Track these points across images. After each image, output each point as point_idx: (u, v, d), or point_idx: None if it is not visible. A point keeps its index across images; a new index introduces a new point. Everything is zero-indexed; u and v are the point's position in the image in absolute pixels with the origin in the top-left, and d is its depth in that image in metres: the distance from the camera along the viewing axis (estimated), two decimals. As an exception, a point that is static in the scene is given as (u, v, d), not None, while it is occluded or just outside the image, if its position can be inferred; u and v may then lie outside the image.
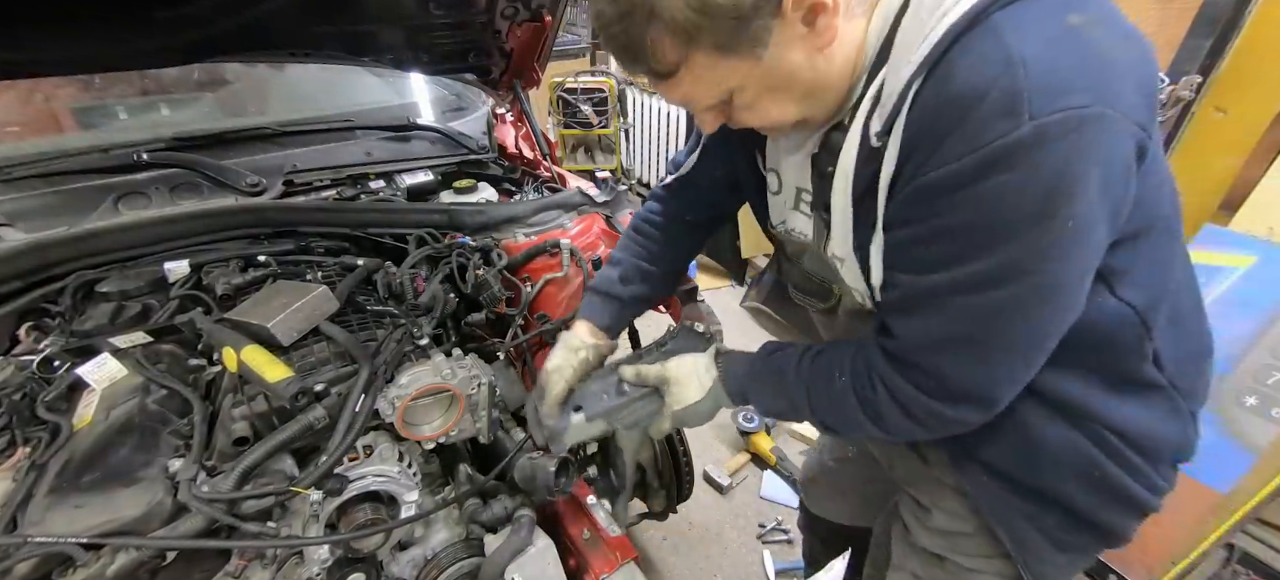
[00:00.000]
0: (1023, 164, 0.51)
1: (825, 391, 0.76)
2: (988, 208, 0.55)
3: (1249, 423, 1.59)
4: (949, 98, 0.54)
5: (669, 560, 2.05)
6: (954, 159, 0.54)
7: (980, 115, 0.52)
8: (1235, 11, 1.87)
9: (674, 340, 1.03)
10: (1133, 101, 0.53)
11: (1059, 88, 0.51)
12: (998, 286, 0.58)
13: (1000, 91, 0.51)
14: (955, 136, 0.53)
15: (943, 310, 0.62)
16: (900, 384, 0.68)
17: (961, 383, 0.65)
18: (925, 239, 0.60)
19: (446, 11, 1.52)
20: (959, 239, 0.58)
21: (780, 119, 0.68)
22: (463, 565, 1.01)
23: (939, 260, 0.60)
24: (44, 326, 1.07)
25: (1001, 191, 0.53)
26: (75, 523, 0.73)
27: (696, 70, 0.62)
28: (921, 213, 0.59)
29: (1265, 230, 1.65)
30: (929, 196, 0.57)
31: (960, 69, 0.53)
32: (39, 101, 1.62)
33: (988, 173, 0.53)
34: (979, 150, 0.52)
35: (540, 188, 1.70)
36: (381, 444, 0.99)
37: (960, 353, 0.64)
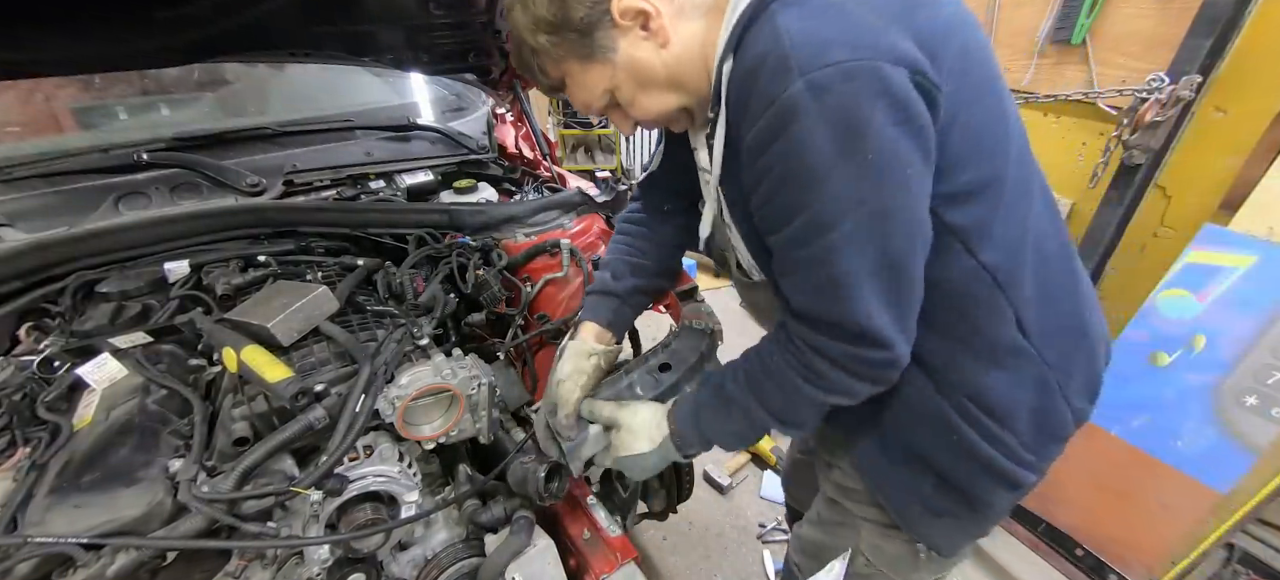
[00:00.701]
0: (807, 114, 0.60)
1: (772, 387, 0.79)
2: (795, 156, 0.63)
3: (1249, 423, 1.59)
4: (743, 70, 0.66)
5: (669, 560, 2.05)
6: (756, 118, 0.64)
7: (762, 79, 0.62)
8: (1235, 11, 1.86)
9: (677, 339, 1.03)
10: (903, 49, 0.61)
11: (820, 47, 0.60)
12: (832, 227, 0.65)
13: (773, 58, 0.61)
14: (752, 100, 0.64)
15: (801, 262, 0.70)
16: (811, 335, 0.73)
17: (849, 322, 0.69)
18: (767, 196, 0.69)
19: (446, 11, 1.52)
20: (786, 189, 0.66)
21: (662, 107, 0.80)
22: (463, 565, 1.01)
23: (781, 213, 0.69)
24: (44, 326, 1.07)
25: (800, 141, 0.62)
26: (75, 523, 0.73)
27: (575, 79, 0.78)
28: (755, 173, 0.69)
29: (1265, 230, 1.65)
30: (752, 156, 0.67)
31: (748, 48, 0.65)
32: (39, 101, 1.62)
33: (784, 125, 0.62)
34: (769, 107, 0.62)
35: (540, 188, 1.70)
36: (381, 444, 0.99)
37: (830, 293, 0.68)
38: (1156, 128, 2.06)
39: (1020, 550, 2.05)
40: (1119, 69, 2.17)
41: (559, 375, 0.96)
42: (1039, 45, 2.31)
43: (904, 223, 0.66)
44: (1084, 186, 2.33)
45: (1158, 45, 2.04)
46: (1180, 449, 1.71)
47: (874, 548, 1.02)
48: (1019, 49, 2.38)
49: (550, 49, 0.75)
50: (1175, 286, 1.76)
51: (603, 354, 1.00)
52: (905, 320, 0.70)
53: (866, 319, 0.68)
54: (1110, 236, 2.32)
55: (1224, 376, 1.64)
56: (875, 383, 0.74)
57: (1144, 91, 2.03)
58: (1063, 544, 1.86)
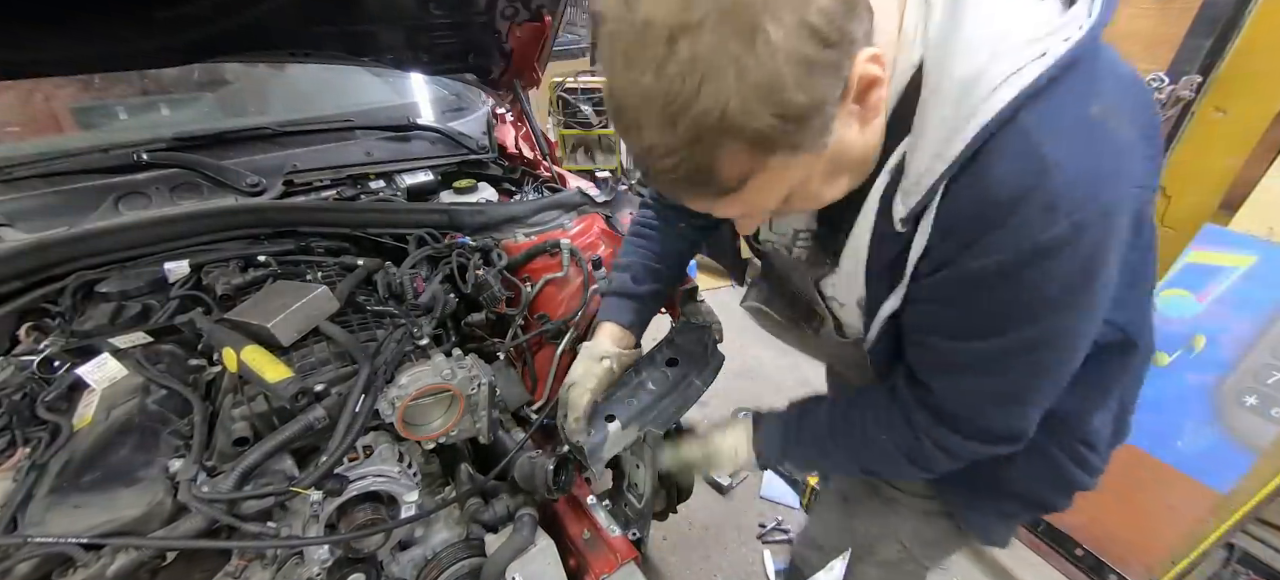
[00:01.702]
0: (1063, 253, 0.55)
1: (866, 450, 0.82)
2: (1032, 289, 0.58)
3: (1249, 423, 1.59)
4: (990, 200, 0.55)
5: (669, 560, 2.05)
6: (998, 252, 0.56)
7: (1022, 218, 0.54)
8: (1235, 11, 1.87)
9: (680, 335, 1.04)
10: (1143, 170, 0.58)
11: (1091, 186, 0.54)
12: (1037, 351, 0.63)
13: (1040, 196, 0.53)
14: (998, 234, 0.56)
15: (985, 372, 0.67)
16: (944, 434, 0.73)
17: (1002, 428, 0.71)
18: (965, 315, 0.64)
19: (446, 11, 1.52)
20: (1003, 315, 0.61)
21: (833, 196, 0.65)
22: (463, 565, 1.01)
23: (980, 331, 0.64)
24: (44, 326, 1.07)
25: (1045, 276, 0.57)
26: (75, 523, 0.73)
27: (768, 176, 0.56)
28: (962, 294, 0.62)
29: (1265, 230, 1.65)
30: (971, 283, 0.60)
31: (997, 173, 0.54)
32: (39, 101, 1.62)
33: (1032, 263, 0.56)
34: (1023, 247, 0.55)
35: (540, 188, 1.70)
36: (381, 444, 0.99)
37: (1002, 406, 0.69)
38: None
39: (1020, 550, 2.05)
40: (1119, 69, 2.17)
41: (570, 378, 0.97)
42: (1039, 45, 2.31)
43: (1089, 343, 0.66)
44: (1084, 186, 2.33)
45: (1158, 45, 2.04)
46: (1180, 449, 1.71)
47: (914, 534, 1.03)
48: (1019, 49, 2.38)
49: (768, 136, 0.51)
50: (1175, 286, 1.76)
51: (617, 357, 1.00)
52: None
53: (1026, 427, 0.70)
54: (1110, 236, 2.32)
55: (1224, 376, 1.64)
56: (966, 461, 0.76)
57: (1144, 91, 2.03)
58: (1063, 544, 1.86)
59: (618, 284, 1.08)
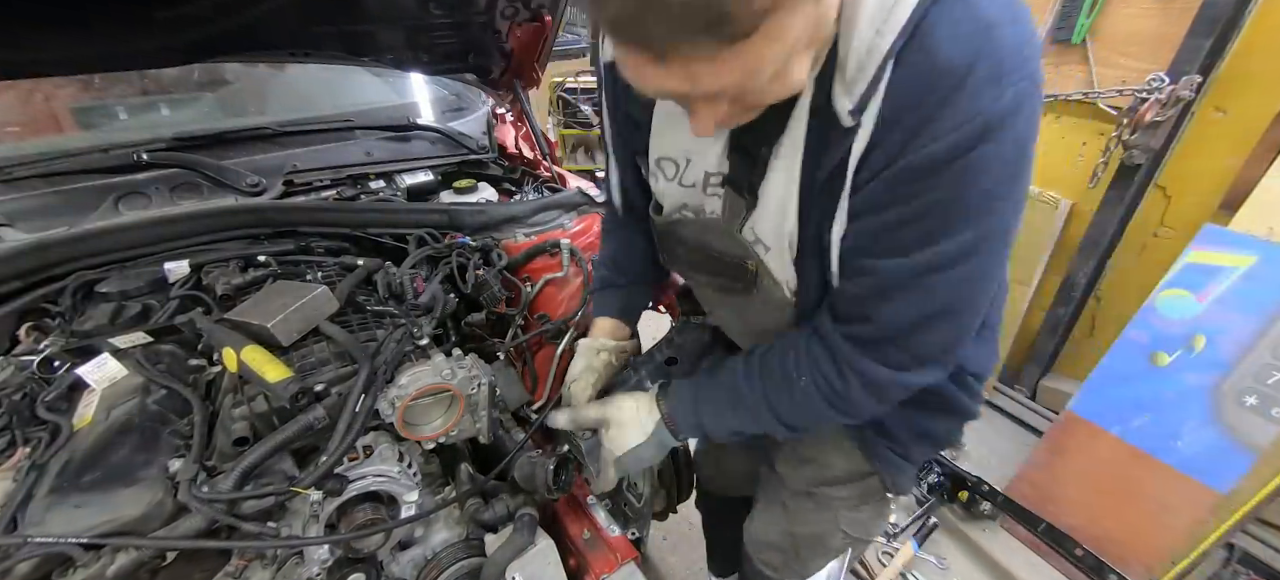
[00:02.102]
0: (1002, 132, 0.52)
1: (786, 397, 0.76)
2: (973, 179, 0.54)
3: (1249, 423, 1.60)
4: (940, 70, 0.51)
5: (669, 560, 2.05)
6: (946, 133, 0.52)
7: (972, 87, 0.50)
8: (1235, 11, 1.87)
9: (680, 334, 1.03)
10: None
11: (1024, 52, 0.51)
12: (975, 255, 0.59)
13: (987, 63, 0.50)
14: (948, 110, 0.51)
15: (926, 289, 0.62)
16: (874, 368, 0.68)
17: (938, 350, 0.67)
18: (910, 219, 0.58)
19: (446, 11, 1.52)
20: (944, 214, 0.57)
21: (798, 83, 0.56)
22: (463, 565, 1.01)
23: (922, 239, 0.59)
24: (44, 326, 1.07)
25: (985, 161, 0.53)
26: (75, 523, 0.73)
27: (784, 18, 0.46)
28: (908, 193, 0.57)
29: (1265, 230, 1.65)
30: (919, 176, 0.55)
31: (943, 40, 0.51)
32: (39, 101, 1.62)
33: (976, 144, 0.52)
34: (971, 121, 0.51)
35: (540, 188, 1.70)
36: (381, 444, 0.99)
37: (940, 325, 0.65)
38: (1156, 128, 2.06)
39: (1020, 550, 2.05)
40: (1119, 69, 2.17)
41: (571, 375, 0.96)
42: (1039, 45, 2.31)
43: (1012, 241, 0.62)
44: (1084, 186, 2.34)
45: (1158, 45, 2.05)
46: (1180, 449, 1.71)
47: (852, 521, 1.06)
48: (1019, 49, 2.38)
49: None
50: (1175, 286, 1.76)
51: (614, 350, 0.99)
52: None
53: (958, 348, 0.68)
54: (1110, 236, 2.32)
55: (1224, 376, 1.64)
56: (899, 400, 0.74)
57: (1144, 91, 2.03)
58: (1063, 544, 1.86)
59: (600, 279, 1.09)
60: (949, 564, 2.05)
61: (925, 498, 2.23)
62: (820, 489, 1.04)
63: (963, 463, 2.33)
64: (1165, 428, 1.75)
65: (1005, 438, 2.60)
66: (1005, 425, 2.67)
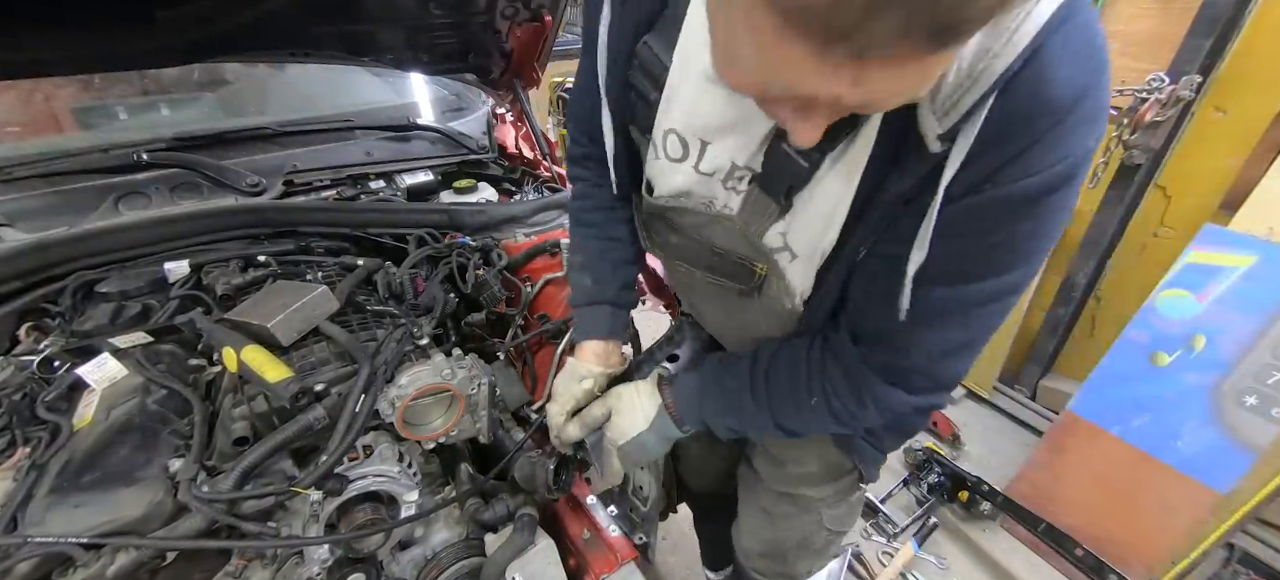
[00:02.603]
0: (1080, 175, 0.50)
1: (792, 409, 0.75)
2: (1043, 220, 0.52)
3: (1249, 423, 1.60)
4: (1048, 101, 0.47)
5: (669, 560, 2.05)
6: (1044, 168, 0.49)
7: (1072, 121, 0.47)
8: (1235, 11, 1.87)
9: (680, 333, 1.03)
10: None
11: (1106, 102, 0.49)
12: (1016, 291, 0.58)
13: (1094, 97, 0.47)
14: (1045, 144, 0.48)
15: (970, 319, 0.60)
16: (896, 395, 0.67)
17: (956, 378, 0.67)
18: (971, 251, 0.56)
19: (446, 11, 1.52)
20: (1007, 251, 0.55)
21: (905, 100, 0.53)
22: (463, 565, 1.01)
23: (976, 272, 0.57)
24: (44, 326, 1.07)
25: (1061, 204, 0.51)
26: (75, 523, 0.73)
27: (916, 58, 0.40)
28: (988, 225, 0.53)
29: (1265, 230, 1.65)
30: (1007, 209, 0.51)
31: (1058, 68, 0.46)
32: (39, 101, 1.62)
33: (1059, 186, 0.50)
34: (1067, 159, 0.48)
35: (540, 188, 1.70)
36: (381, 444, 0.99)
37: (967, 355, 0.64)
38: (1156, 128, 2.06)
39: (1020, 550, 2.05)
40: (1119, 69, 2.17)
41: (553, 392, 0.92)
42: (1039, 45, 2.30)
43: None
44: (1084, 186, 2.33)
45: (1158, 45, 2.04)
46: (1180, 449, 1.71)
47: (833, 518, 1.07)
48: (1019, 49, 2.38)
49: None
50: (1175, 286, 1.76)
51: (598, 377, 0.91)
52: None
53: (963, 375, 0.68)
54: (1110, 236, 2.32)
55: (1224, 376, 1.64)
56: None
57: (1144, 91, 2.03)
58: (1063, 544, 1.86)
59: (581, 291, 0.96)
60: (949, 564, 2.05)
61: (925, 498, 2.23)
62: (800, 490, 1.04)
63: (963, 463, 2.33)
64: (1165, 428, 1.75)
65: (1005, 438, 2.60)
66: (1005, 425, 2.67)
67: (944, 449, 2.45)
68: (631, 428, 0.84)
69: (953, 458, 2.35)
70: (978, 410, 2.75)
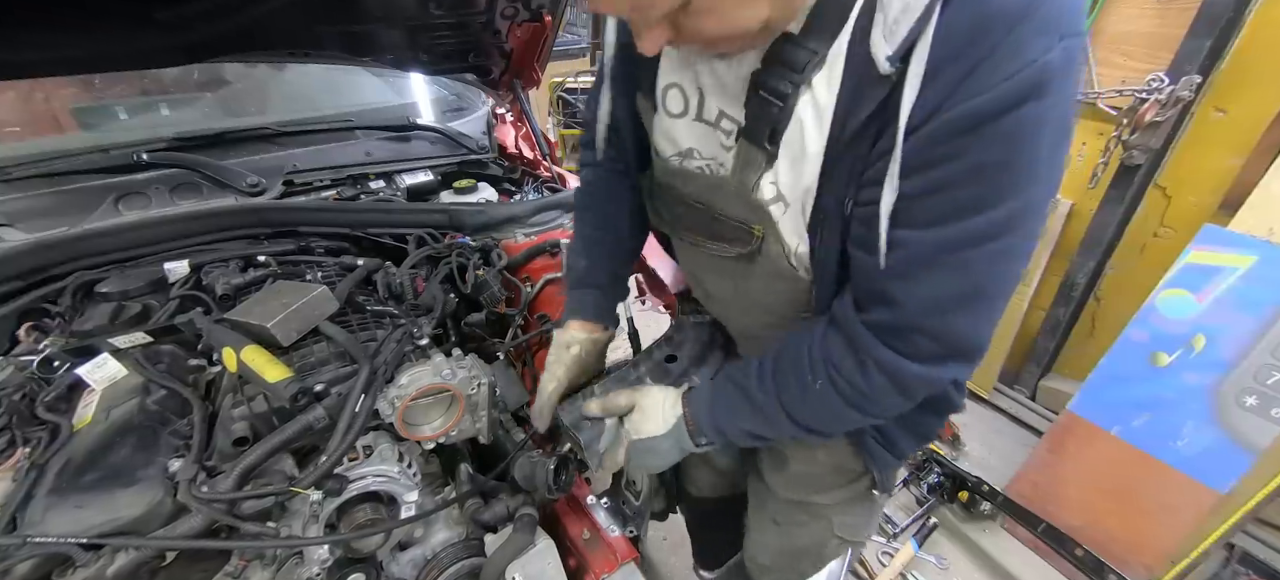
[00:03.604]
0: (1049, 92, 0.47)
1: (799, 398, 0.72)
2: (1016, 144, 0.49)
3: (1249, 423, 1.60)
4: (989, 13, 0.47)
5: (669, 560, 2.05)
6: (994, 84, 0.47)
7: (1025, 30, 0.46)
8: (1235, 11, 1.87)
9: (680, 332, 1.03)
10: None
11: (1075, 7, 0.47)
12: (1011, 231, 0.54)
13: (1041, 7, 0.46)
14: (997, 58, 0.47)
15: (961, 265, 0.56)
16: (898, 360, 0.62)
17: (967, 338, 0.60)
18: (950, 184, 0.53)
19: (446, 11, 1.52)
20: (983, 182, 0.52)
21: (747, 22, 0.55)
22: (463, 565, 1.01)
23: (956, 209, 0.54)
24: (44, 326, 1.07)
25: (1031, 124, 0.49)
26: (75, 523, 0.73)
27: None
28: (949, 153, 0.51)
29: (1265, 230, 1.65)
30: (962, 132, 0.50)
31: None
32: (39, 101, 1.62)
33: (1024, 100, 0.47)
34: (1020, 72, 0.46)
35: (540, 188, 1.70)
36: (381, 444, 0.99)
37: (973, 308, 0.59)
38: (1156, 128, 2.06)
39: (1020, 550, 2.05)
40: (1119, 69, 2.17)
41: (545, 367, 0.94)
42: (1039, 45, 2.30)
43: (1045, 218, 0.57)
44: (1084, 186, 2.34)
45: (1158, 45, 2.05)
46: (1180, 449, 1.71)
47: (844, 525, 1.04)
48: (1019, 49, 2.38)
49: None
50: (1175, 286, 1.76)
51: (584, 342, 0.94)
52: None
53: (987, 337, 0.61)
54: (1110, 236, 2.32)
55: (1224, 376, 1.64)
56: (917, 399, 0.68)
57: (1144, 92, 2.03)
58: (1063, 544, 1.86)
59: (574, 273, 0.99)
60: (949, 564, 2.05)
61: (925, 498, 2.23)
62: (811, 497, 1.02)
63: (963, 463, 2.33)
64: (1165, 428, 1.75)
65: (1005, 438, 2.60)
66: (1005, 425, 2.67)
67: (944, 449, 2.45)
68: (650, 428, 0.84)
69: (953, 458, 2.35)
70: (978, 410, 2.75)
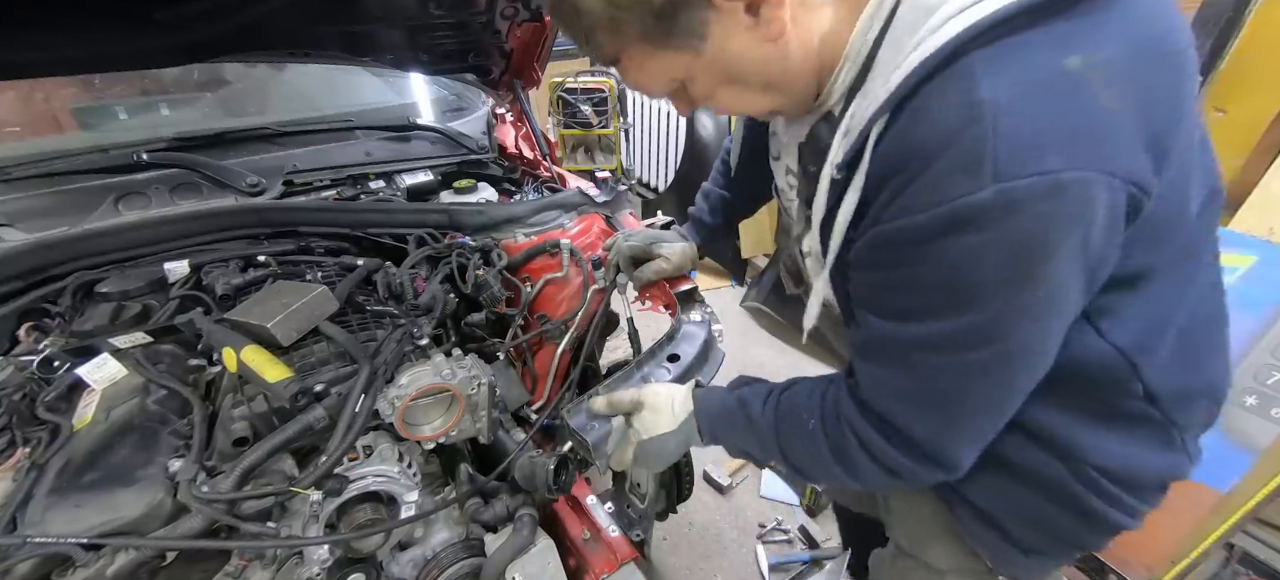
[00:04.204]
0: (987, 227, 0.48)
1: (796, 435, 0.73)
2: (952, 267, 0.51)
3: (1249, 423, 1.59)
4: (912, 143, 0.50)
5: (669, 560, 2.05)
6: (915, 211, 0.50)
7: (939, 168, 0.48)
8: (1235, 11, 1.87)
9: (681, 332, 1.04)
10: (1131, 159, 0.48)
11: (1031, 148, 0.45)
12: (964, 350, 0.55)
13: (963, 146, 0.46)
14: (916, 187, 0.50)
15: (907, 364, 0.59)
16: (867, 431, 0.65)
17: (926, 441, 0.62)
18: (889, 286, 0.58)
19: (446, 11, 1.52)
20: (924, 294, 0.55)
21: (747, 109, 0.68)
22: (463, 565, 1.01)
23: (904, 311, 0.57)
24: (44, 326, 1.07)
25: (966, 253, 0.50)
26: (75, 523, 0.73)
27: (636, 60, 0.61)
28: (884, 259, 0.56)
29: (1265, 230, 1.65)
30: (891, 245, 0.54)
31: (928, 112, 0.49)
32: (39, 101, 1.62)
33: (948, 232, 0.49)
34: (938, 206, 0.49)
35: (540, 188, 1.70)
36: (381, 444, 0.99)
37: (924, 410, 0.61)
38: (1156, 128, 2.06)
39: (1020, 550, 2.05)
40: (1119, 69, 2.17)
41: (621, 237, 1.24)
42: (1039, 45, 2.30)
43: (1039, 358, 0.57)
44: (1084, 186, 2.33)
45: (1158, 45, 2.04)
46: (1180, 449, 1.71)
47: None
48: (1019, 49, 2.38)
49: (610, 22, 0.56)
50: (1175, 286, 1.75)
51: (673, 244, 1.20)
52: (987, 442, 0.64)
53: (955, 450, 0.62)
54: (1110, 236, 2.32)
55: (1224, 377, 1.64)
56: (915, 486, 0.71)
57: (1144, 91, 2.03)
58: (1063, 544, 1.86)
59: (695, 211, 1.23)
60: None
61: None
62: (923, 555, 0.96)
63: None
64: (1165, 428, 1.74)
65: (1005, 438, 2.60)
66: (1005, 425, 2.67)
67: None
68: (657, 426, 0.84)
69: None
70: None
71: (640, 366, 1.05)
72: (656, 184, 4.43)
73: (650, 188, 4.51)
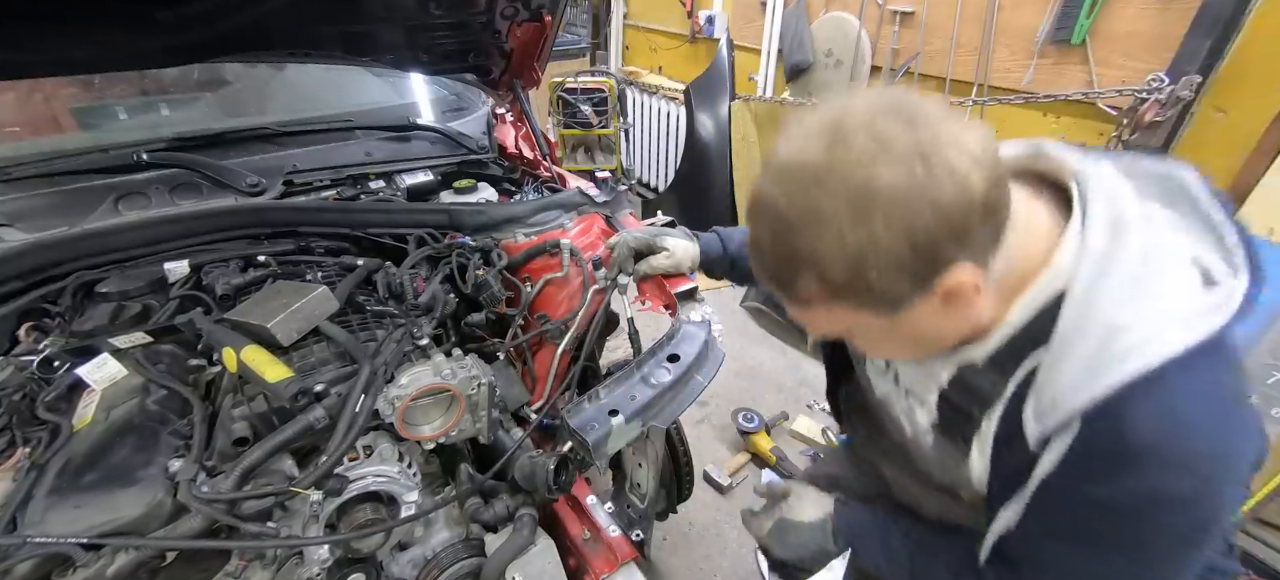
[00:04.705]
0: (1184, 507, 0.59)
1: (931, 576, 0.83)
2: (1146, 527, 0.61)
3: (1249, 423, 1.59)
4: (1126, 443, 0.57)
5: (669, 560, 2.05)
6: (1127, 493, 0.59)
7: (1152, 465, 0.57)
8: (1235, 11, 1.87)
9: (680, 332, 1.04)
10: (1257, 447, 0.62)
11: (1222, 457, 0.58)
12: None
13: (1174, 451, 0.56)
14: (1126, 475, 0.58)
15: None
16: None
17: None
18: (1074, 528, 0.65)
19: (446, 11, 1.52)
20: (1112, 541, 0.63)
21: (892, 356, 0.78)
22: (463, 565, 1.01)
23: (1085, 548, 0.65)
24: (44, 326, 1.07)
25: (1158, 525, 0.60)
26: (75, 523, 0.73)
27: (831, 313, 0.64)
28: (1079, 511, 0.64)
29: (1265, 230, 1.65)
30: (1090, 505, 0.62)
31: (1137, 419, 0.57)
32: (39, 101, 1.62)
33: (1155, 507, 0.59)
34: (1148, 492, 0.58)
35: (540, 188, 1.70)
36: (381, 444, 0.99)
37: None
38: (1156, 128, 2.06)
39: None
40: (1119, 69, 2.17)
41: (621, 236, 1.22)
42: (1038, 45, 2.30)
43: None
44: (1084, 186, 2.33)
45: (1158, 45, 2.04)
46: (1180, 449, 1.71)
47: None
48: (1019, 49, 2.38)
49: (840, 286, 0.58)
50: (1175, 286, 1.75)
51: (673, 239, 1.20)
52: None
53: None
54: (1110, 236, 2.32)
55: (1224, 376, 1.64)
56: None
57: (1144, 92, 2.03)
58: (1063, 544, 1.86)
59: (710, 237, 1.24)
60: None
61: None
62: None
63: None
64: (1165, 428, 1.74)
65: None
66: (1005, 425, 2.67)
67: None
68: (801, 514, 0.95)
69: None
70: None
71: (640, 366, 1.05)
72: (656, 184, 4.43)
73: (650, 188, 4.51)
